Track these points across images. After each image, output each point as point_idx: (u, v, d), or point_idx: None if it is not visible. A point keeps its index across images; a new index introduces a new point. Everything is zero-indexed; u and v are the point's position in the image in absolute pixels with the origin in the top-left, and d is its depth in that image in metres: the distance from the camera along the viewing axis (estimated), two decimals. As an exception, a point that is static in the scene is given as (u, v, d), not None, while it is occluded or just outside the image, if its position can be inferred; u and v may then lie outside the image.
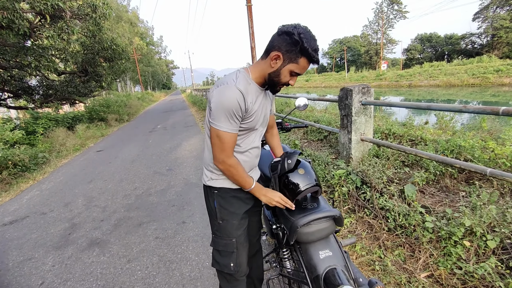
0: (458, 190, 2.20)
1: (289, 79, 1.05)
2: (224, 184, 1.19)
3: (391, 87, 27.66)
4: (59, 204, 3.66)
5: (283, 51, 0.98)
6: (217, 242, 1.22)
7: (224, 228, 1.20)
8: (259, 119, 1.15)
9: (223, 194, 1.21)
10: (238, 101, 1.00)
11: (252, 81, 1.08)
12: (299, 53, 0.97)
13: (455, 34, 46.27)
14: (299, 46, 0.95)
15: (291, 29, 0.95)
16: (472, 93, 18.76)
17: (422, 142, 3.04)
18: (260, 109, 1.14)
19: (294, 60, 0.99)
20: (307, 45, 0.94)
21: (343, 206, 2.56)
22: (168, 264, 2.17)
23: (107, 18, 9.37)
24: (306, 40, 0.94)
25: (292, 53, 0.98)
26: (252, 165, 1.25)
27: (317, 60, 1.00)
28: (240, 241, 1.21)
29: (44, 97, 10.81)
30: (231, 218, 1.20)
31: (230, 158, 1.08)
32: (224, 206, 1.21)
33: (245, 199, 1.24)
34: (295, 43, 0.95)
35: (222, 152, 1.07)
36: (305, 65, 1.01)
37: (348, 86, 2.92)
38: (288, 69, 1.02)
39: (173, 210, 3.11)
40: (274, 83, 1.07)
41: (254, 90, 1.08)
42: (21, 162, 5.25)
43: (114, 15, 33.05)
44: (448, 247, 1.72)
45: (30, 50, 7.85)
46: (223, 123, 1.01)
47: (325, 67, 69.05)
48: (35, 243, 2.72)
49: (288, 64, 1.00)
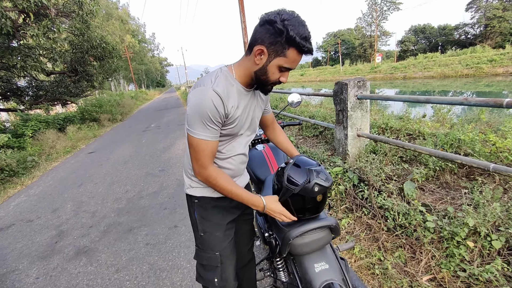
0: (459, 187, 2.12)
1: (279, 76, 0.90)
2: (204, 193, 1.08)
3: (386, 80, 27.62)
4: (47, 210, 3.52)
5: (267, 44, 0.83)
6: (200, 255, 1.11)
7: (207, 241, 1.09)
8: (243, 124, 1.01)
9: (204, 203, 1.09)
10: (215, 105, 0.85)
11: (235, 81, 0.93)
12: (286, 44, 0.81)
13: (448, 25, 46.27)
14: (285, 35, 0.79)
15: (273, 17, 0.80)
16: (466, 84, 18.79)
17: (420, 136, 2.95)
18: (246, 113, 1.00)
19: (281, 53, 0.84)
20: (294, 33, 0.79)
21: (340, 206, 2.47)
22: (158, 273, 2.06)
23: (95, 15, 9.10)
24: (292, 27, 0.78)
25: (277, 45, 0.82)
26: (236, 173, 1.12)
27: (309, 49, 0.84)
28: (225, 254, 1.10)
29: (34, 98, 10.54)
30: (214, 230, 1.09)
31: (206, 169, 0.94)
32: (205, 217, 1.10)
33: (230, 208, 1.13)
34: (280, 33, 0.80)
35: (197, 162, 0.93)
36: (296, 58, 0.85)
37: (343, 80, 2.81)
38: (276, 65, 0.86)
39: (165, 213, 3.00)
40: (263, 82, 0.92)
41: (238, 91, 0.94)
42: (8, 167, 5.08)
43: (104, 12, 32.37)
44: (451, 248, 1.64)
45: (15, 50, 7.58)
46: (198, 129, 0.88)
47: (320, 61, 68.77)
48: (20, 253, 2.59)
49: (274, 59, 0.85)
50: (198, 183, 1.08)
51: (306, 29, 0.81)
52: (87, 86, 12.38)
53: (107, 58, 11.13)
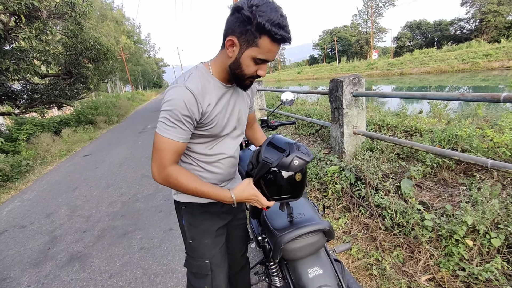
0: (457, 184, 2.08)
1: (256, 69, 0.82)
2: (192, 199, 1.02)
3: (383, 76, 27.63)
4: (40, 216, 3.46)
5: (237, 34, 0.76)
6: (190, 263, 1.07)
7: (196, 248, 1.05)
8: (225, 124, 0.95)
9: (191, 210, 1.04)
10: (186, 103, 0.80)
11: (213, 77, 0.88)
12: (257, 32, 0.74)
13: (444, 20, 46.33)
14: (254, 23, 0.72)
15: (241, 3, 0.73)
16: (462, 79, 18.82)
17: (417, 133, 2.91)
18: (227, 111, 0.94)
19: (252, 43, 0.76)
20: (263, 20, 0.71)
21: (337, 205, 2.44)
22: (152, 278, 2.02)
23: (88, 16, 9.00)
24: (261, 13, 0.71)
25: (248, 35, 0.75)
26: (226, 177, 1.07)
27: (284, 37, 0.75)
28: (215, 261, 1.05)
29: (29, 102, 10.42)
30: (203, 237, 1.04)
31: (165, 168, 0.84)
32: (193, 223, 1.05)
33: (220, 214, 1.08)
34: (248, 20, 0.73)
35: (155, 161, 0.84)
36: (270, 47, 0.77)
37: (338, 77, 2.77)
38: (249, 56, 0.79)
39: (160, 216, 2.95)
40: (238, 76, 0.85)
41: (216, 88, 0.89)
42: (1, 172, 5.00)
43: (99, 13, 32.13)
44: (450, 246, 1.60)
45: (7, 53, 7.48)
46: (164, 127, 0.82)
47: (317, 58, 68.72)
48: (12, 260, 2.54)
49: (247, 50, 0.78)
50: None
51: (279, 15, 0.73)
52: (83, 88, 12.27)
53: (102, 59, 11.04)
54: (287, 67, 73.29)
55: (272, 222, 1.10)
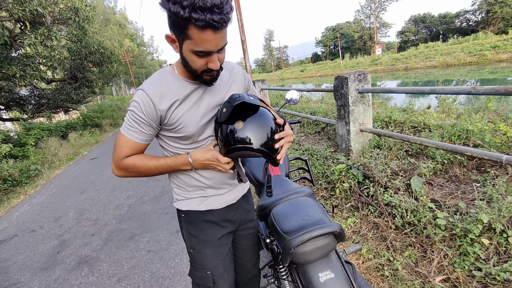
0: (469, 180, 2.02)
1: (204, 62, 0.75)
2: (190, 206, 0.98)
3: (387, 71, 27.28)
4: (49, 220, 3.49)
5: (171, 28, 0.72)
6: (193, 273, 1.03)
7: (197, 259, 1.01)
8: (198, 121, 0.87)
9: (190, 218, 1.00)
10: (141, 106, 0.80)
11: (177, 76, 0.85)
12: (183, 23, 0.66)
13: (449, 13, 45.47)
14: (174, 14, 0.65)
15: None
16: (470, 72, 18.45)
17: (426, 129, 2.85)
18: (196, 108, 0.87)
19: (185, 36, 0.69)
20: (179, 8, 0.62)
21: (346, 204, 2.39)
22: (160, 281, 2.01)
23: (91, 20, 9.08)
24: (177, 1, 0.63)
25: (176, 27, 0.69)
26: (221, 183, 0.99)
27: (211, 21, 0.63)
28: (218, 273, 1.00)
29: (37, 107, 10.58)
30: (203, 247, 1.00)
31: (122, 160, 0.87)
32: (193, 233, 1.00)
33: (221, 222, 1.02)
34: (170, 13, 0.66)
35: (113, 156, 0.88)
36: (202, 36, 0.67)
37: (343, 74, 2.72)
38: (188, 50, 0.73)
39: (167, 218, 2.94)
40: (192, 72, 0.80)
41: (181, 86, 0.84)
42: (11, 177, 5.08)
43: (102, 18, 32.44)
44: (464, 245, 1.55)
45: (14, 60, 7.59)
46: (125, 125, 0.85)
47: (320, 56, 68.26)
48: (22, 265, 2.56)
49: (183, 44, 0.72)
50: (182, 195, 0.99)
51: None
52: (88, 92, 12.41)
53: (106, 63, 11.14)
54: (290, 65, 72.98)
55: (280, 225, 1.07)
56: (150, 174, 0.90)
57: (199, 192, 0.98)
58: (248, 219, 1.16)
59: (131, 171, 0.88)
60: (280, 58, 74.79)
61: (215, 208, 1.00)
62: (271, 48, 76.11)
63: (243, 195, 1.11)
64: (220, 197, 1.01)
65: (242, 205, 1.12)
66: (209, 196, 0.99)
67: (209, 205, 0.99)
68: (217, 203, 1.01)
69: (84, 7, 8.47)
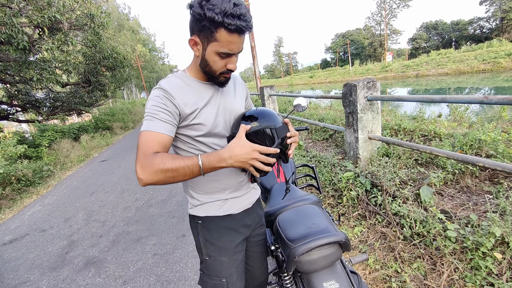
0: (482, 191, 1.97)
1: (225, 63, 0.83)
2: (209, 212, 0.98)
3: (398, 79, 26.96)
4: (59, 220, 3.57)
5: (197, 32, 0.79)
6: (205, 281, 1.01)
7: (212, 266, 0.99)
8: (216, 121, 0.91)
9: (208, 224, 0.99)
10: (159, 97, 0.82)
11: (191, 78, 0.90)
12: (212, 26, 0.74)
13: (462, 20, 44.83)
14: (207, 17, 0.73)
15: (192, 1, 0.75)
16: (483, 79, 18.05)
17: (436, 138, 2.79)
18: (215, 107, 0.91)
19: (211, 38, 0.77)
20: (214, 13, 0.71)
21: (353, 212, 2.36)
22: (165, 285, 2.01)
23: (106, 27, 9.37)
24: (212, 6, 0.72)
25: (205, 31, 0.77)
26: (241, 182, 1.00)
27: (240, 26, 0.73)
28: (232, 280, 0.99)
29: (51, 109, 10.92)
30: (220, 254, 0.99)
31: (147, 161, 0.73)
32: (210, 240, 0.99)
33: (239, 228, 1.02)
34: (201, 16, 0.74)
35: (137, 159, 0.74)
36: (229, 39, 0.76)
37: (352, 81, 2.71)
38: (212, 52, 0.80)
39: (173, 222, 2.97)
40: (209, 73, 0.86)
41: (195, 86, 0.89)
42: (25, 177, 5.23)
43: (116, 24, 33.42)
44: (476, 259, 1.50)
45: (32, 64, 7.89)
46: (145, 124, 0.81)
47: (329, 62, 68.17)
48: (32, 264, 2.62)
49: (208, 46, 0.79)
50: (199, 200, 0.98)
51: (233, 4, 0.72)
52: (100, 95, 12.73)
53: (119, 68, 11.43)
54: (299, 71, 73.10)
55: (285, 232, 1.07)
56: (180, 174, 0.75)
57: (218, 195, 0.98)
58: (261, 224, 1.17)
59: (162, 171, 0.73)
60: (289, 64, 75.06)
61: (233, 213, 1.00)
62: (280, 54, 76.53)
63: (257, 199, 1.12)
64: (238, 201, 1.01)
65: (257, 210, 1.13)
66: (228, 200, 0.99)
67: (227, 210, 0.99)
68: (236, 207, 1.01)
69: (99, 14, 8.76)
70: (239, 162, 0.78)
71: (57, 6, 6.85)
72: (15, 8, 6.37)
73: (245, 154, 0.77)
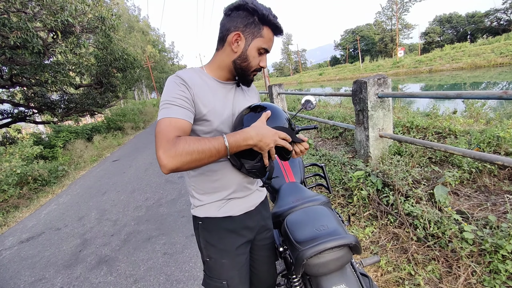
0: (501, 191, 1.88)
1: (259, 60, 0.90)
2: (208, 213, 0.96)
3: (410, 74, 26.29)
4: (73, 219, 3.67)
5: (242, 28, 0.84)
6: (208, 283, 1.00)
7: (213, 268, 0.98)
8: (225, 119, 0.90)
9: (208, 226, 0.97)
10: (176, 84, 0.82)
11: (208, 75, 0.91)
12: (260, 23, 0.84)
13: (477, 12, 43.21)
14: (257, 15, 0.83)
15: (241, 2, 0.83)
16: (501, 74, 17.35)
17: (451, 135, 2.69)
18: (227, 106, 0.91)
19: (257, 34, 0.85)
20: (266, 12, 0.82)
21: (364, 212, 2.31)
22: (175, 284, 2.03)
23: (116, 29, 9.54)
24: (262, 7, 0.83)
25: (252, 27, 0.84)
26: (244, 184, 0.98)
27: (280, 28, 0.87)
28: (233, 283, 0.98)
29: (65, 111, 11.24)
30: (220, 256, 0.98)
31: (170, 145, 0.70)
32: (210, 241, 0.98)
33: (240, 230, 1.00)
34: (252, 13, 0.83)
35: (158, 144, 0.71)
36: (271, 37, 0.88)
37: (362, 78, 2.65)
38: (255, 47, 0.86)
39: (182, 221, 2.99)
40: (244, 70, 0.89)
41: (210, 82, 0.90)
42: (41, 177, 5.40)
43: (126, 25, 34.00)
44: (495, 262, 1.44)
45: (46, 67, 8.13)
46: (161, 112, 0.78)
47: (339, 59, 67.20)
48: (47, 261, 2.70)
49: (253, 41, 0.86)
50: (200, 199, 0.97)
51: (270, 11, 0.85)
52: (112, 96, 13.01)
53: (129, 69, 11.62)
54: (308, 69, 72.43)
55: (293, 234, 1.05)
56: (207, 156, 0.73)
57: (219, 194, 0.95)
58: (267, 228, 1.13)
59: (187, 153, 0.70)
60: (298, 61, 74.48)
61: (234, 215, 0.98)
62: (289, 52, 76.02)
63: (261, 202, 1.09)
64: (239, 202, 0.99)
65: (261, 212, 1.10)
66: (229, 200, 0.97)
67: (228, 211, 0.97)
68: (237, 208, 0.98)
69: (110, 16, 8.92)
70: (264, 141, 0.78)
71: (70, 10, 7.02)
72: (30, 13, 6.56)
73: (271, 136, 0.79)
